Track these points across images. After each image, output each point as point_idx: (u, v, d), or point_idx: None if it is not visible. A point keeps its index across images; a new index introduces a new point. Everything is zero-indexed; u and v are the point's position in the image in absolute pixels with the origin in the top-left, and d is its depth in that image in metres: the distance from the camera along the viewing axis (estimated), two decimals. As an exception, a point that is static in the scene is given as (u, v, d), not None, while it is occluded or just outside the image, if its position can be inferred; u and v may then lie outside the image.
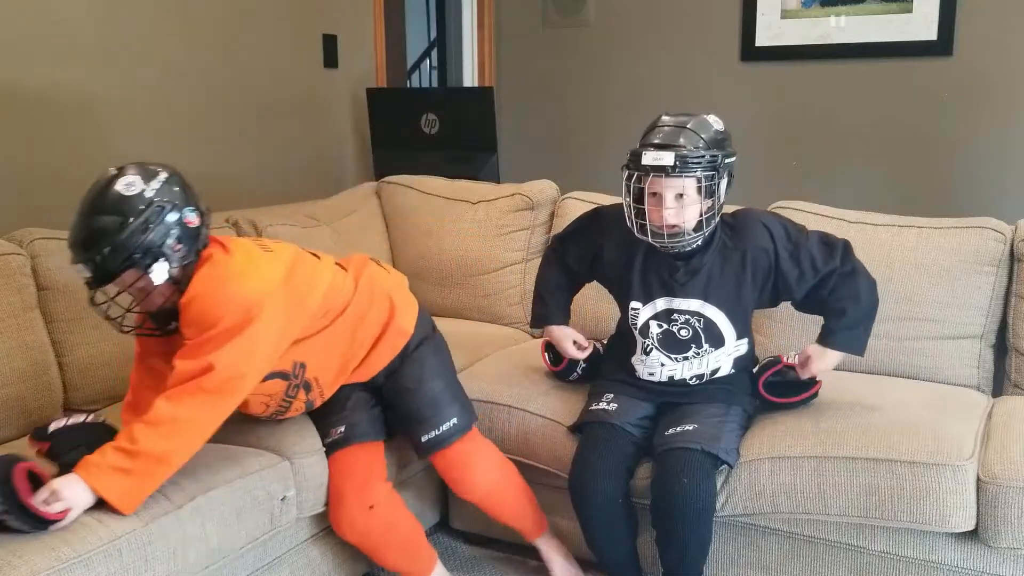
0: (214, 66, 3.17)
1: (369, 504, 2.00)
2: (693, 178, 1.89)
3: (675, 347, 2.07)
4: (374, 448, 2.07)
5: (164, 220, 1.70)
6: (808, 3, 3.90)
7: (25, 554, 1.50)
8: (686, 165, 1.87)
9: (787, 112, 4.04)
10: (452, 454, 2.09)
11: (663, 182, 1.90)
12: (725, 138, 1.95)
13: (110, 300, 1.75)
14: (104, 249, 1.66)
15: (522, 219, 2.93)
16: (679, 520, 1.94)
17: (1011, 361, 2.35)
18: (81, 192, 1.73)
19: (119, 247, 1.66)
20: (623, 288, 2.11)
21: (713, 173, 1.90)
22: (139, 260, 1.68)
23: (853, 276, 2.01)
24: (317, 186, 3.56)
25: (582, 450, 2.09)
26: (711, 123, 1.94)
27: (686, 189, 1.90)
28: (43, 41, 2.64)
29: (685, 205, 1.91)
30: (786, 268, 2.01)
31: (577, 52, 4.43)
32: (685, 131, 1.90)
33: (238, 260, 1.80)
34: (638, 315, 2.08)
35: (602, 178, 3.10)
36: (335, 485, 2.01)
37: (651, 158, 1.88)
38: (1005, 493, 1.84)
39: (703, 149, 1.89)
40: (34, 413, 2.09)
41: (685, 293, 2.03)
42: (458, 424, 2.08)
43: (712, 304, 2.03)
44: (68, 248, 1.72)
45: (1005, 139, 3.66)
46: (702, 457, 1.94)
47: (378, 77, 3.94)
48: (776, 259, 2.01)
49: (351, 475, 2.01)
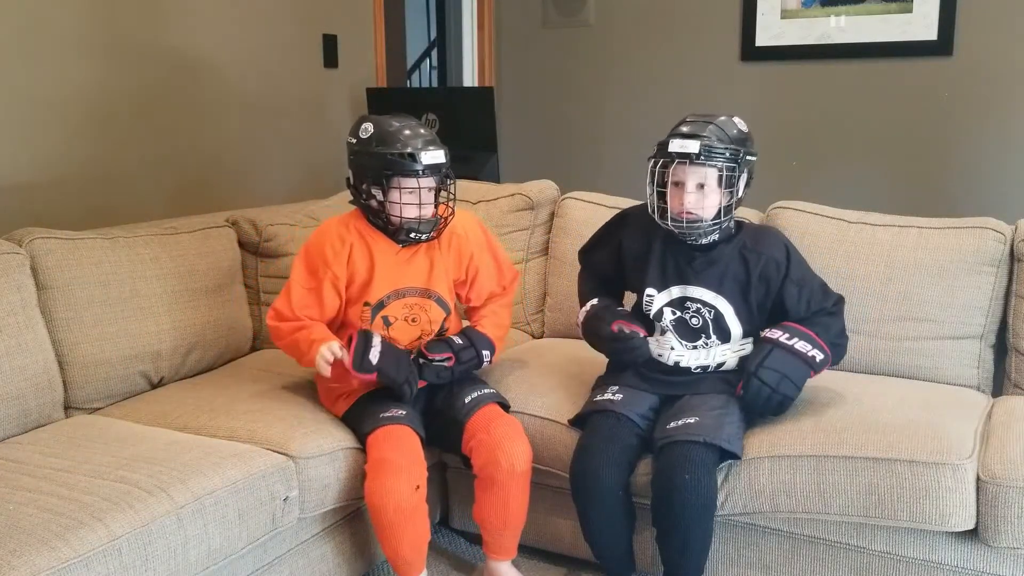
0: (214, 66, 3.17)
1: (416, 484, 2.01)
2: (715, 168, 1.99)
3: (687, 335, 2.12)
4: (419, 440, 2.10)
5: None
6: (808, 3, 3.90)
7: (25, 554, 1.50)
8: (710, 154, 1.97)
9: (787, 112, 4.04)
10: (494, 414, 2.15)
11: (686, 170, 1.99)
12: (748, 138, 2.06)
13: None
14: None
15: (522, 219, 2.93)
16: (680, 516, 1.94)
17: (1011, 361, 2.35)
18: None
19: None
20: (640, 276, 2.15)
21: (734, 166, 2.00)
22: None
23: (835, 317, 2.12)
24: (317, 186, 3.56)
25: (585, 438, 2.10)
26: (736, 123, 2.05)
27: (707, 179, 1.99)
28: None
29: (706, 195, 1.99)
30: (789, 290, 2.08)
31: (577, 52, 4.43)
32: (711, 125, 2.00)
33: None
34: (652, 302, 2.13)
35: (602, 178, 3.12)
36: (384, 456, 2.02)
37: (678, 145, 1.98)
38: (1005, 493, 1.84)
39: (727, 143, 1.98)
40: (34, 412, 2.10)
41: (700, 282, 2.09)
42: (497, 393, 2.24)
43: (724, 297, 2.08)
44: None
45: (1005, 139, 3.66)
46: (704, 451, 1.94)
47: (378, 77, 3.94)
48: (784, 277, 2.08)
49: (404, 450, 2.03)
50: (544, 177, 3.03)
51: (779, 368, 1.99)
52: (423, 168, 2.07)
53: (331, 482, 2.03)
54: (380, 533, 2.03)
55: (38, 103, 2.65)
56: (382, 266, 2.17)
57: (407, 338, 2.21)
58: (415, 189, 2.10)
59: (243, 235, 2.70)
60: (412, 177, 2.08)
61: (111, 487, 1.72)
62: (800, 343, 2.02)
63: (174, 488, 1.74)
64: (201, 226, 2.61)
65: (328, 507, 2.05)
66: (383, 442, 2.04)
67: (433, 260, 2.22)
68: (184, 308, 2.44)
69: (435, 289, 2.22)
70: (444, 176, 2.15)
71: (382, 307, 2.18)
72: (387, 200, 2.11)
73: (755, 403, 2.02)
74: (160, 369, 2.39)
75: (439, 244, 2.23)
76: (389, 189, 2.10)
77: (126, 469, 1.80)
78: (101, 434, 2.02)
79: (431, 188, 2.13)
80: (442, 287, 2.23)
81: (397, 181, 2.09)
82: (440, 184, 2.16)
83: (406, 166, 2.06)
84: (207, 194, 3.16)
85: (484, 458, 2.10)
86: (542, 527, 2.34)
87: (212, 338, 2.51)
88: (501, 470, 2.08)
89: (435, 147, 2.10)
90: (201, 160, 3.17)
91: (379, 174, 2.09)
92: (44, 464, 1.84)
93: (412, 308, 2.21)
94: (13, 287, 2.10)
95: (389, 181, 2.09)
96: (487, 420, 2.13)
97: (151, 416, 2.16)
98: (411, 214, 2.10)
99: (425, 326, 2.23)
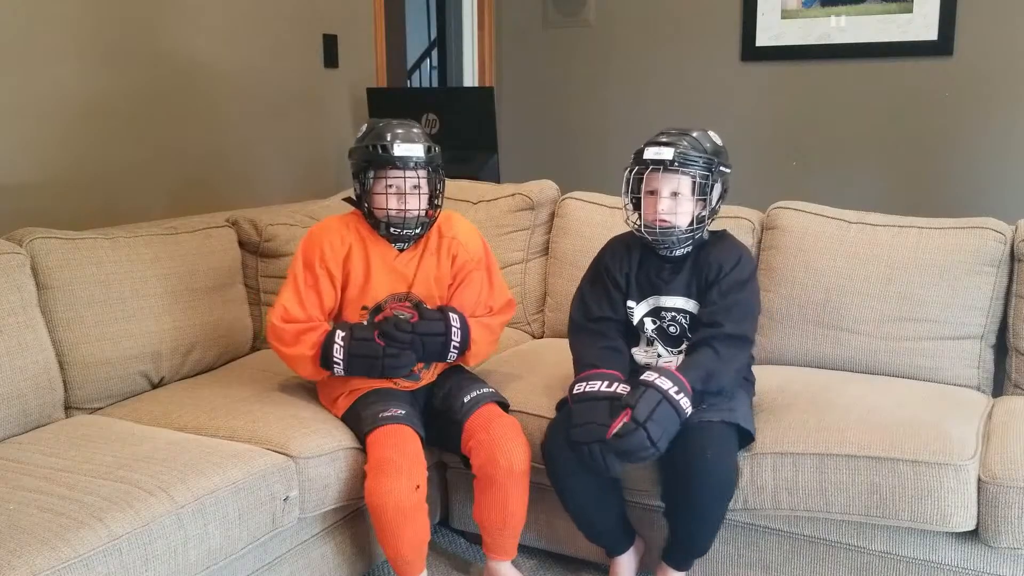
0: (214, 66, 3.17)
1: (416, 483, 2.00)
2: (688, 176, 2.00)
3: (669, 341, 2.14)
4: (419, 440, 2.09)
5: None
6: (808, 3, 3.90)
7: (25, 554, 1.50)
8: (684, 161, 1.99)
9: (787, 112, 4.04)
10: (493, 414, 2.14)
11: (660, 177, 2.00)
12: (722, 151, 2.08)
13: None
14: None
15: (522, 219, 2.93)
16: (700, 492, 1.93)
17: (1011, 361, 2.35)
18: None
19: None
20: (624, 289, 2.16)
21: (708, 175, 2.01)
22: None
23: (721, 361, 1.99)
24: (317, 186, 3.56)
25: (557, 417, 2.12)
26: (711, 136, 2.07)
27: (681, 187, 2.01)
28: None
29: (679, 202, 2.02)
30: (711, 294, 2.05)
31: (577, 52, 4.43)
32: (686, 136, 2.04)
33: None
34: (633, 313, 2.15)
35: (602, 177, 3.11)
36: (384, 455, 2.01)
37: (652, 153, 2.01)
38: (1006, 493, 1.84)
39: (701, 151, 2.01)
40: (34, 412, 2.10)
41: (670, 291, 2.12)
42: (496, 393, 2.22)
43: (694, 299, 2.10)
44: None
45: (1005, 139, 3.66)
46: (723, 429, 1.95)
47: (378, 77, 3.94)
48: (716, 282, 2.05)
49: (404, 450, 2.02)
50: (544, 177, 3.03)
51: (663, 423, 1.88)
52: (395, 159, 2.08)
53: (331, 482, 2.03)
54: (380, 533, 2.03)
55: (38, 103, 2.64)
56: (379, 270, 2.18)
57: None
58: (396, 183, 2.11)
59: (243, 235, 2.70)
60: (386, 168, 2.09)
61: (111, 487, 1.72)
62: (684, 399, 1.90)
63: (174, 488, 1.74)
64: (201, 226, 2.61)
65: (328, 507, 2.05)
66: (383, 442, 2.03)
67: (429, 266, 2.23)
68: (184, 308, 2.44)
69: (428, 295, 2.22)
70: (432, 173, 2.15)
71: (380, 310, 2.19)
72: (371, 193, 2.14)
73: (631, 451, 1.89)
74: (160, 369, 2.39)
75: (437, 251, 2.23)
76: (371, 182, 2.13)
77: (126, 469, 1.79)
78: (101, 434, 2.02)
79: (415, 185, 2.13)
80: (434, 293, 2.24)
81: (376, 174, 2.11)
82: (430, 184, 2.15)
83: (379, 157, 2.08)
84: (207, 194, 3.16)
85: (483, 458, 2.10)
86: (542, 527, 2.35)
87: (212, 338, 2.51)
88: (500, 470, 2.08)
89: (411, 141, 2.10)
90: (201, 160, 3.16)
91: (359, 167, 2.13)
92: (44, 464, 1.84)
93: (407, 311, 2.20)
94: (13, 287, 2.09)
95: (367, 174, 2.12)
96: (486, 420, 2.13)
97: (151, 416, 2.16)
98: (392, 206, 2.11)
99: None
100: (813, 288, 2.45)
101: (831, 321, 2.43)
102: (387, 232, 2.16)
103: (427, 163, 2.12)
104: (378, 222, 2.15)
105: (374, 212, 2.15)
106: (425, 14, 5.66)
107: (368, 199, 2.15)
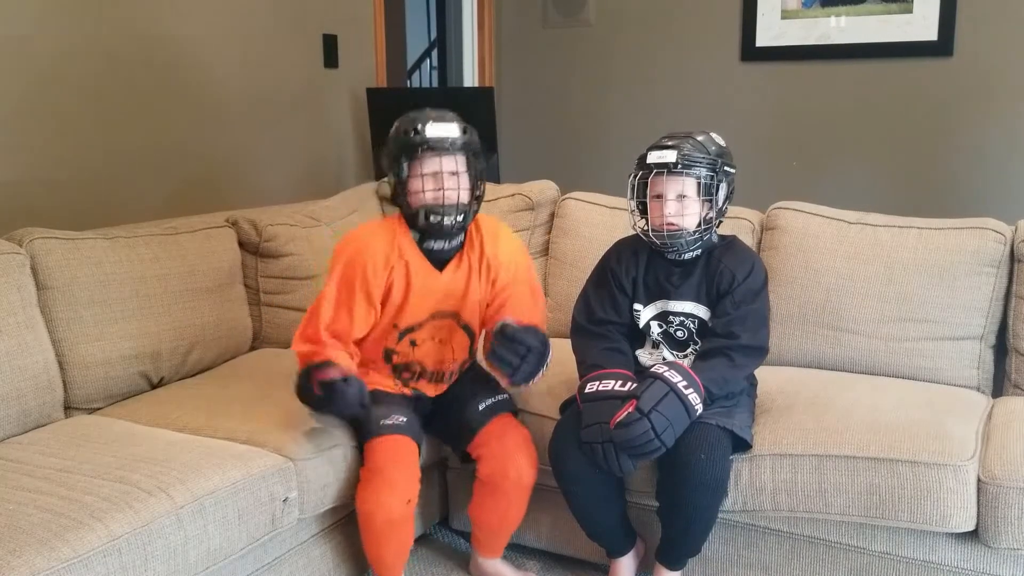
0: (214, 65, 3.17)
1: (408, 498, 2.01)
2: (693, 177, 1.99)
3: (676, 345, 2.13)
4: (417, 451, 2.08)
5: None
6: (808, 3, 3.90)
7: (25, 554, 1.50)
8: (688, 163, 1.98)
9: (787, 112, 4.04)
10: (509, 425, 2.14)
11: (665, 180, 1.99)
12: (725, 152, 2.07)
13: None
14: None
15: (522, 219, 2.93)
16: (691, 495, 1.94)
17: (1011, 362, 2.35)
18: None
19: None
20: (631, 291, 2.15)
21: (712, 175, 2.00)
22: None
23: (734, 367, 2.00)
24: (317, 186, 3.56)
25: (564, 418, 2.12)
26: (714, 138, 2.06)
27: (686, 189, 2.00)
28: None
29: (685, 205, 2.00)
30: (723, 304, 2.04)
31: (577, 52, 4.43)
32: (689, 138, 2.04)
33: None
34: (639, 316, 2.14)
35: (602, 178, 3.11)
36: (380, 465, 1.99)
37: (656, 156, 2.01)
38: (1005, 494, 1.84)
39: (704, 153, 2.00)
40: (34, 412, 2.10)
41: (679, 296, 2.10)
42: (511, 400, 2.21)
43: (704, 305, 2.09)
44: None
45: (1005, 139, 3.66)
46: (718, 432, 1.95)
47: (378, 77, 3.94)
48: (728, 292, 2.04)
49: (400, 462, 2.01)
50: (544, 177, 3.03)
51: (669, 416, 1.87)
52: (429, 140, 1.92)
53: (330, 482, 2.03)
54: (365, 537, 2.06)
55: (38, 103, 2.64)
56: (418, 290, 2.07)
57: (434, 358, 2.17)
58: (431, 166, 1.94)
59: (243, 235, 2.70)
60: (420, 152, 1.93)
61: (111, 487, 1.72)
62: (693, 395, 1.90)
63: (174, 488, 1.74)
64: (201, 226, 2.61)
65: (327, 507, 2.05)
66: (381, 452, 2.02)
67: (468, 284, 2.11)
68: (184, 308, 2.44)
69: (465, 316, 2.15)
70: (473, 158, 2.00)
71: (411, 331, 2.12)
72: (407, 183, 1.98)
73: (631, 441, 1.87)
74: (160, 369, 2.39)
75: (478, 266, 2.11)
76: (405, 172, 1.97)
77: (126, 469, 1.79)
78: (101, 434, 2.02)
79: (452, 172, 1.96)
80: (473, 315, 2.16)
81: (411, 161, 1.96)
82: (470, 171, 2.00)
83: (412, 141, 1.93)
84: (207, 194, 3.15)
85: (492, 467, 2.11)
86: (542, 526, 2.35)
87: (212, 338, 2.51)
88: (508, 481, 2.11)
89: (444, 121, 1.95)
90: (201, 160, 3.16)
91: (393, 159, 1.99)
92: (44, 464, 1.84)
93: (441, 330, 2.14)
94: (13, 287, 2.09)
95: (400, 163, 1.96)
96: (501, 430, 2.13)
97: (151, 416, 2.15)
98: (429, 187, 1.94)
99: (454, 346, 2.19)
100: (813, 288, 2.45)
101: (831, 321, 2.43)
102: (426, 223, 1.98)
103: (464, 146, 1.97)
104: (415, 217, 1.99)
105: (410, 201, 1.99)
106: (425, 14, 5.67)
107: (404, 192, 2.00)
